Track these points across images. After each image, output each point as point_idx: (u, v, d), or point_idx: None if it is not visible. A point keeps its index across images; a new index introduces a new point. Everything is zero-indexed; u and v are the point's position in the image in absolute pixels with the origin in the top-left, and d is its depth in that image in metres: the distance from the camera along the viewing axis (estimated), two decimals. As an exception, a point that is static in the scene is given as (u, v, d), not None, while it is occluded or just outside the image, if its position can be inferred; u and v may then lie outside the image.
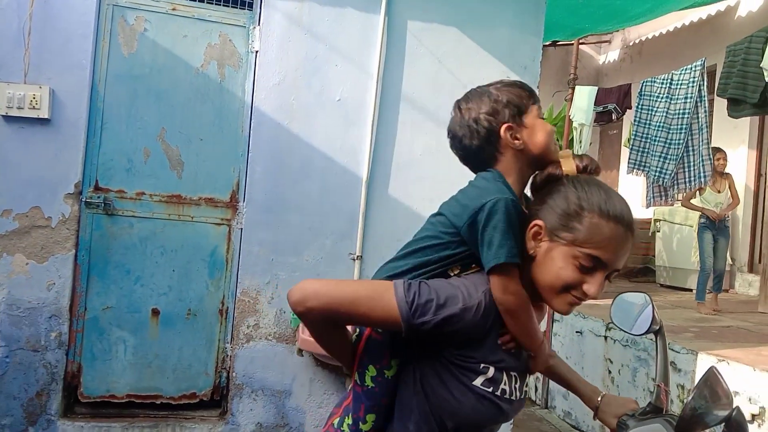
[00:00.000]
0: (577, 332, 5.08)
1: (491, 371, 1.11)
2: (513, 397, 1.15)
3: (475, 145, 1.19)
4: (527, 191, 1.25)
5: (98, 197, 2.66)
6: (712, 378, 0.94)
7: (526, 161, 1.19)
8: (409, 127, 2.92)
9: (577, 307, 1.19)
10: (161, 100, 2.74)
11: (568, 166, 1.19)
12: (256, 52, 2.78)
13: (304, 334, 2.61)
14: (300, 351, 2.74)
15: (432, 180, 2.93)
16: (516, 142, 1.17)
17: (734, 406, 0.95)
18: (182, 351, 2.77)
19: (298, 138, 2.79)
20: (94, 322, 2.68)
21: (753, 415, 3.16)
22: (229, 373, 2.78)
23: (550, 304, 1.17)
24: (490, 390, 1.11)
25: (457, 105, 1.24)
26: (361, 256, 2.84)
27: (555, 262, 1.11)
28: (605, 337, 4.67)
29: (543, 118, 1.23)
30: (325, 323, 1.10)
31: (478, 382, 1.10)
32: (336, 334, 1.16)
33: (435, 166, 2.93)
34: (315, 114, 2.81)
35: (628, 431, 1.19)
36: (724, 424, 0.95)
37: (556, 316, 5.54)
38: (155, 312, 2.74)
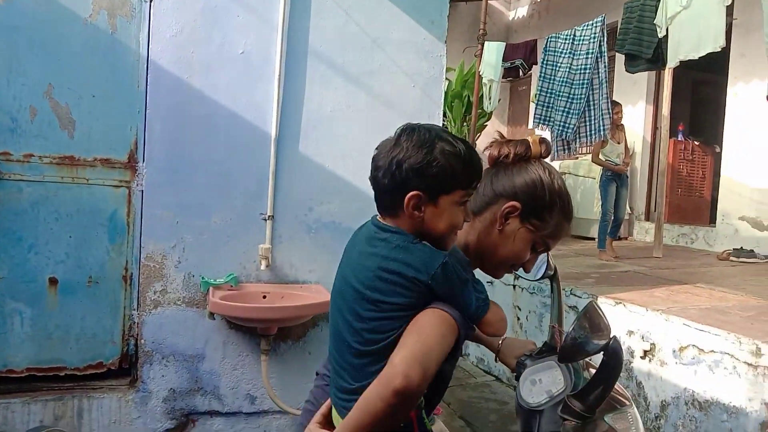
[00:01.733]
0: (488, 282, 5.27)
1: None
2: None
3: (385, 185, 1.12)
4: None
5: (-21, 161, 2.44)
6: (591, 311, 1.00)
7: (419, 233, 1.12)
8: (318, 83, 2.85)
9: None
10: (46, 54, 2.52)
11: (536, 149, 1.26)
12: (150, 1, 2.60)
13: (215, 298, 2.55)
14: (211, 315, 2.68)
15: (344, 138, 2.89)
16: (415, 213, 1.10)
17: (611, 335, 1.01)
18: (85, 320, 2.64)
19: (200, 93, 2.67)
20: (-16, 294, 2.50)
21: (645, 351, 3.42)
22: (137, 341, 2.69)
23: (492, 272, 1.30)
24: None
25: (400, 132, 1.13)
26: (273, 216, 2.78)
27: (518, 243, 1.24)
28: (513, 286, 4.88)
29: (463, 206, 1.13)
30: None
31: None
32: None
33: (346, 123, 2.89)
34: (217, 68, 2.69)
35: (524, 369, 1.26)
36: (603, 352, 1.01)
37: (469, 268, 5.72)
38: (53, 281, 2.59)
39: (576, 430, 1.07)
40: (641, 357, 3.46)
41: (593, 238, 7.74)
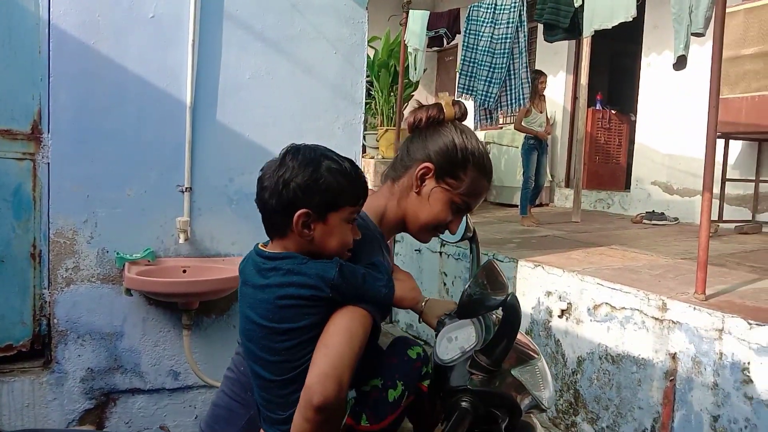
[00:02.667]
0: (416, 250, 5.35)
1: None
2: None
3: (273, 206, 1.11)
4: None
5: None
6: (488, 269, 1.03)
7: (309, 253, 1.12)
8: (235, 49, 2.76)
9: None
10: (-69, 15, 2.32)
11: (450, 111, 1.28)
12: (49, -41, 2.43)
13: (131, 273, 2.47)
14: (128, 291, 2.59)
15: (263, 106, 2.83)
16: (305, 232, 1.10)
17: (509, 292, 1.05)
18: (-9, 301, 2.50)
19: (109, 59, 2.53)
20: None
21: (562, 310, 3.58)
22: (50, 320, 2.57)
23: (417, 236, 1.33)
24: None
25: (285, 152, 1.12)
26: (191, 188, 2.70)
27: (436, 205, 1.26)
28: (440, 253, 4.97)
29: (351, 224, 1.14)
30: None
31: None
32: None
33: (265, 91, 2.82)
34: (126, 32, 2.55)
35: (444, 327, 1.30)
36: (502, 308, 1.05)
37: (398, 236, 5.79)
38: (-48, 261, 2.42)
39: (483, 384, 1.11)
40: (558, 316, 3.62)
41: (516, 205, 7.98)
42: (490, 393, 1.10)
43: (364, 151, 6.62)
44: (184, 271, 2.61)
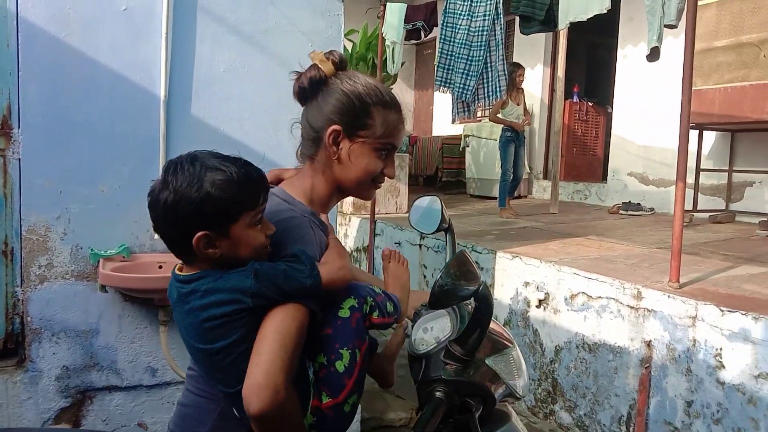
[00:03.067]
0: (396, 243, 5.36)
1: None
2: None
3: (169, 235, 1.08)
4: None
5: None
6: (460, 259, 1.03)
7: (223, 264, 1.08)
8: (208, 42, 2.73)
9: (396, 220, 1.31)
10: None
11: (327, 67, 1.23)
12: (16, -50, 2.38)
13: (105, 270, 2.44)
14: (103, 287, 2.56)
15: (238, 99, 2.80)
16: (210, 252, 1.06)
17: (481, 282, 1.06)
18: (-39, 300, 2.45)
19: (80, 53, 2.48)
20: None
21: (540, 300, 3.62)
22: (23, 318, 2.53)
23: (359, 195, 1.30)
24: None
25: (165, 170, 1.06)
26: (166, 182, 2.67)
27: (361, 159, 1.22)
28: (420, 246, 4.99)
29: (258, 224, 1.09)
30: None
31: None
32: None
33: (240, 84, 2.80)
34: (97, 25, 2.51)
35: (420, 318, 1.31)
36: (474, 298, 1.06)
37: (378, 230, 5.79)
38: None
39: (457, 374, 1.12)
40: (536, 306, 3.66)
41: (495, 198, 8.03)
42: (464, 382, 1.11)
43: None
44: (160, 267, 2.58)
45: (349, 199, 6.45)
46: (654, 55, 3.54)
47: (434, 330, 1.27)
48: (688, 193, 4.36)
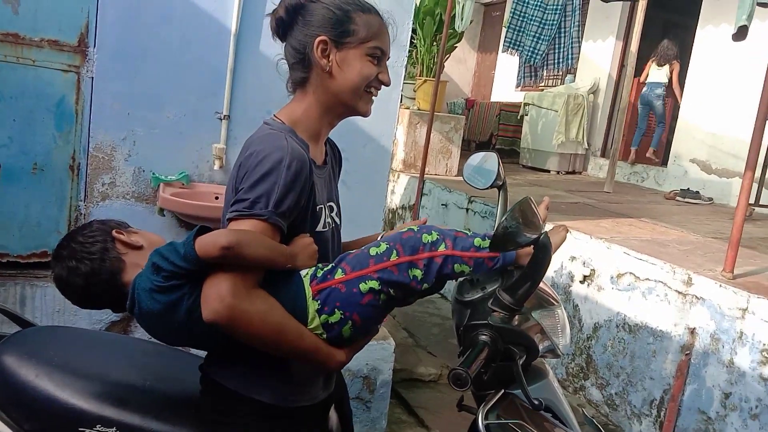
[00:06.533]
0: (442, 205, 5.35)
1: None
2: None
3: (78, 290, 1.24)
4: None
5: None
6: (525, 205, 1.02)
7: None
8: (282, -21, 2.72)
9: (445, 182, 1.30)
10: None
11: None
12: None
13: (165, 194, 2.52)
14: (161, 211, 2.65)
15: (305, 39, 2.80)
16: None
17: (542, 231, 1.05)
18: (29, 208, 2.57)
19: (157, -21, 2.52)
20: None
21: (585, 276, 3.58)
22: (83, 232, 2.64)
23: (357, 109, 1.30)
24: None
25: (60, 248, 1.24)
26: (229, 116, 2.72)
27: (353, 65, 1.24)
28: (467, 209, 4.96)
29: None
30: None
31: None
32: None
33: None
34: (176, -47, 2.53)
35: None
36: (533, 245, 1.05)
37: (425, 190, 5.78)
38: (-5, 165, 2.50)
39: (504, 322, 1.12)
40: (580, 281, 3.62)
41: (548, 171, 7.88)
42: (510, 330, 1.12)
43: (400, 100, 6.56)
44: (217, 198, 2.65)
45: (399, 156, 6.42)
46: (741, 34, 3.36)
47: (480, 280, 1.27)
48: (753, 186, 4.18)
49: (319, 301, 1.11)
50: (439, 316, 4.53)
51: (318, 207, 1.23)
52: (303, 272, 1.15)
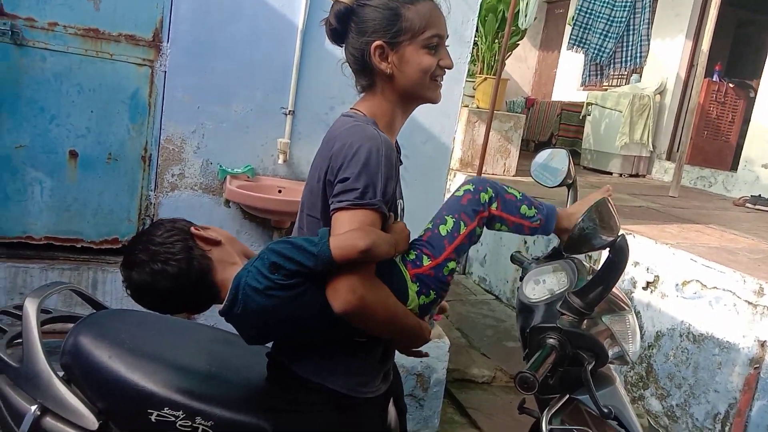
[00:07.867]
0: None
1: None
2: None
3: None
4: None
5: (4, 24, 2.42)
6: (602, 207, 1.00)
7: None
8: (349, -24, 2.74)
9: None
10: None
11: None
12: None
13: (231, 186, 2.59)
14: (227, 202, 2.73)
15: (370, 36, 2.82)
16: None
17: (620, 233, 1.02)
18: (103, 196, 2.69)
19: (229, -24, 2.59)
20: (6, 160, 2.54)
21: (648, 282, 3.47)
22: (153, 220, 2.75)
23: (427, 97, 1.33)
24: None
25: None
26: (294, 111, 2.76)
27: (413, 62, 1.25)
28: (526, 210, 4.89)
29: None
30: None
31: None
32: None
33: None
34: (248, -49, 2.59)
35: (530, 270, 1.30)
36: (609, 248, 1.03)
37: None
38: (73, 154, 2.62)
39: (573, 326, 1.10)
40: (643, 288, 3.51)
41: (610, 173, 7.67)
42: (579, 334, 1.10)
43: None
44: (280, 191, 2.71)
45: (456, 154, 6.37)
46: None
47: (547, 282, 1.26)
48: (835, 192, 3.96)
49: (417, 284, 1.18)
50: (493, 318, 4.49)
51: (397, 200, 1.29)
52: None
